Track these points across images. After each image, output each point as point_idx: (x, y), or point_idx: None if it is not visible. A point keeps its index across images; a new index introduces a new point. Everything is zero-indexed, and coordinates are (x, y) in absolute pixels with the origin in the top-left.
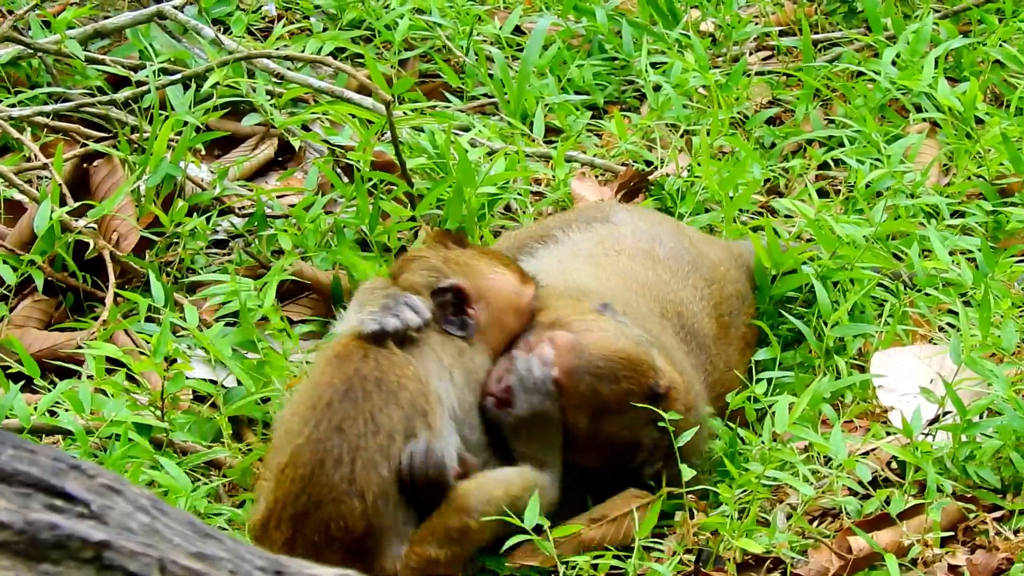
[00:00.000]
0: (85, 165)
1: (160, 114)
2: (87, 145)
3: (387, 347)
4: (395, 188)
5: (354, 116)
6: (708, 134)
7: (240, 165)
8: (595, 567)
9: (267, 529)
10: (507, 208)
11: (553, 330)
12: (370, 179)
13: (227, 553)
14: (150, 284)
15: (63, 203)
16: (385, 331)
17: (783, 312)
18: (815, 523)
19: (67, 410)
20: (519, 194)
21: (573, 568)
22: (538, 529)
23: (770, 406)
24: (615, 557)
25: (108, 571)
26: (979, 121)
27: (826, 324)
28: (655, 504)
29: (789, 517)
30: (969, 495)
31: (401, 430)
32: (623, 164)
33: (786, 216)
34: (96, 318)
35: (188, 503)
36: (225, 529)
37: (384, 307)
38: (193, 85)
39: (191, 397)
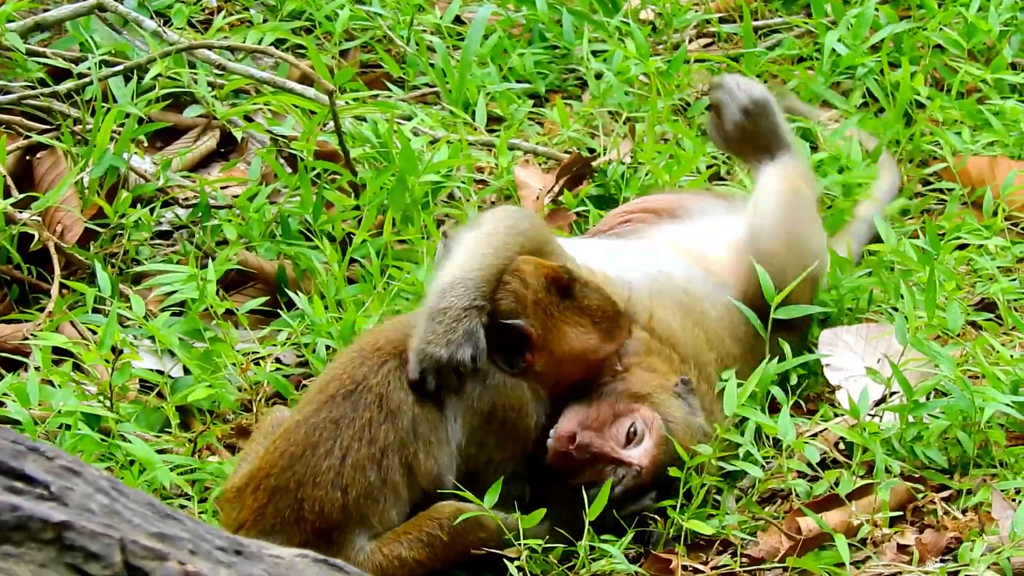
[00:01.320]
0: (28, 157)
1: (102, 106)
2: (30, 137)
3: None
4: (339, 177)
5: (296, 106)
6: (649, 121)
7: (183, 156)
8: (547, 551)
9: (242, 494)
10: (450, 196)
11: (643, 409)
12: (313, 169)
13: (187, 533)
14: (95, 275)
15: (7, 195)
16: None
17: None
18: (765, 505)
19: (15, 401)
20: (462, 182)
21: (529, 551)
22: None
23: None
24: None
25: (69, 552)
26: (920, 105)
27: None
28: (604, 487)
29: (739, 499)
30: (917, 475)
31: (396, 450)
32: (566, 151)
33: None
34: (42, 309)
35: (152, 482)
36: (186, 506)
37: (448, 334)
38: (135, 77)
39: (139, 387)
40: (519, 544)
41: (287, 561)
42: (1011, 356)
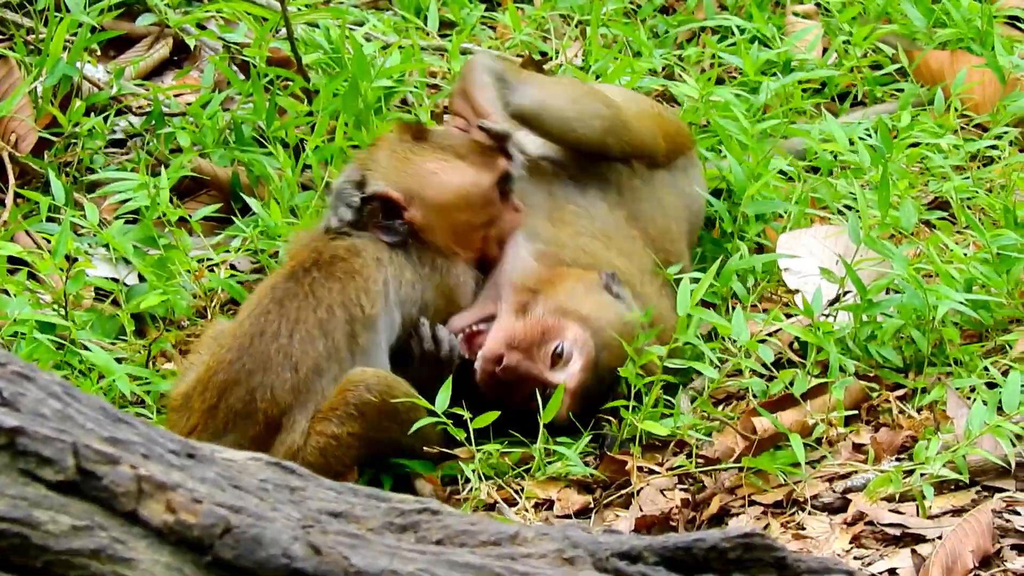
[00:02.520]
0: None
1: (55, 16)
2: None
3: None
4: (291, 84)
5: (248, 13)
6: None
7: (136, 65)
8: (504, 455)
9: (189, 399)
10: (403, 102)
11: (572, 327)
12: (266, 75)
13: (139, 437)
14: (50, 184)
15: None
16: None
17: None
18: (720, 406)
19: None
20: (415, 87)
21: (485, 455)
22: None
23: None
24: (521, 444)
25: (22, 457)
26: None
27: (738, 204)
28: (557, 391)
29: (694, 400)
30: (871, 374)
31: (340, 303)
32: (518, 55)
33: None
34: None
35: (110, 390)
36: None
37: (332, 204)
38: None
39: (93, 295)
40: (471, 447)
41: (239, 464)
42: (964, 254)
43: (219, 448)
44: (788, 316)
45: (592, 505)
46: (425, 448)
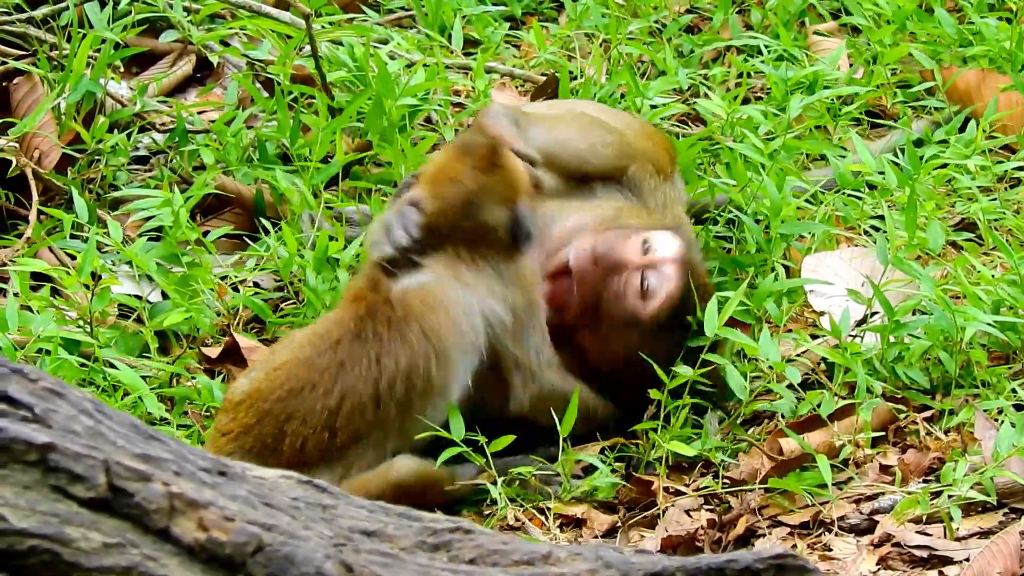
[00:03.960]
0: (4, 84)
1: (79, 32)
2: (6, 63)
3: (396, 275)
4: (315, 101)
5: (273, 31)
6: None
7: (159, 82)
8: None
9: (238, 407)
10: (428, 120)
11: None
12: (290, 93)
13: (171, 454)
14: (73, 201)
15: None
16: (385, 258)
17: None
18: (749, 426)
19: None
20: (439, 105)
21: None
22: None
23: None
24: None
25: (54, 473)
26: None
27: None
28: (572, 401)
29: (722, 421)
30: (899, 396)
31: (404, 375)
32: (542, 74)
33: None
34: (20, 236)
35: (136, 407)
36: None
37: (385, 227)
38: (110, 2)
39: (117, 312)
40: (492, 471)
41: (271, 482)
42: (992, 275)
43: (250, 466)
44: (815, 337)
45: (618, 525)
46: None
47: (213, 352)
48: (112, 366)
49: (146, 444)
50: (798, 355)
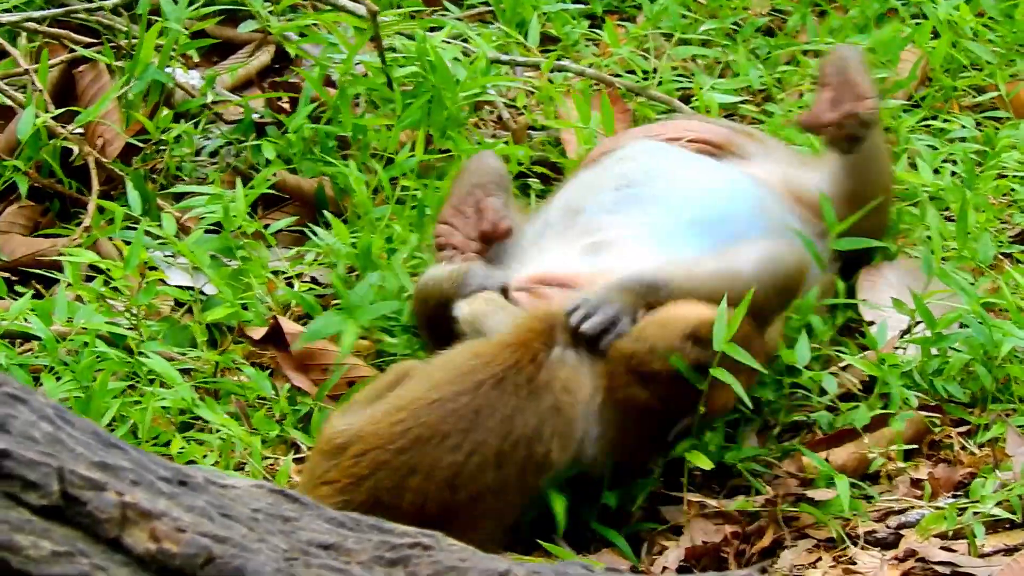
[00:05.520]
0: (72, 71)
1: (153, 20)
2: (74, 51)
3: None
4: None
5: (340, 24)
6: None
7: (234, 72)
8: None
9: (342, 452)
10: (499, 119)
11: None
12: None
13: (130, 463)
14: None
15: (48, 109)
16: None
17: None
18: (786, 436)
19: (37, 317)
20: (507, 102)
21: None
22: None
23: None
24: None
25: (7, 480)
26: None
27: None
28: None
29: (759, 432)
30: (935, 406)
31: (529, 439)
32: (614, 75)
33: None
34: (80, 224)
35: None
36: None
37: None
38: None
39: (171, 305)
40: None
41: (236, 492)
42: None
43: (218, 475)
44: (864, 348)
45: (642, 535)
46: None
47: (257, 333)
48: (148, 358)
49: (106, 452)
50: (842, 368)
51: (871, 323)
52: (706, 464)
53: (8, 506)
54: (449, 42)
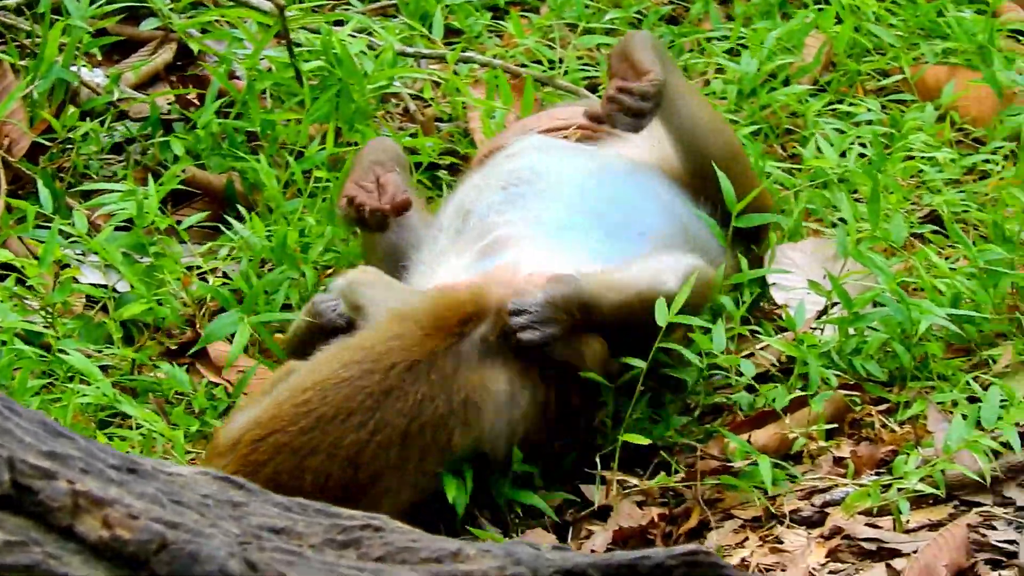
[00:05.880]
0: None
1: (54, 19)
2: None
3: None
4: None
5: (245, 21)
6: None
7: (137, 70)
8: None
9: (238, 445)
10: (405, 111)
11: None
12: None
13: (79, 452)
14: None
15: None
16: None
17: None
18: (707, 419)
19: None
20: (412, 93)
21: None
22: None
23: None
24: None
25: None
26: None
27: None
28: None
29: (682, 413)
30: (853, 385)
31: (435, 424)
32: (521, 65)
33: None
34: None
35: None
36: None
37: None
38: None
39: (84, 303)
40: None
41: (183, 479)
42: (953, 269)
43: (165, 463)
44: (783, 330)
45: (569, 517)
46: None
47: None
48: (67, 355)
49: (54, 441)
50: (760, 349)
51: (783, 306)
52: (641, 440)
53: None
54: (355, 35)
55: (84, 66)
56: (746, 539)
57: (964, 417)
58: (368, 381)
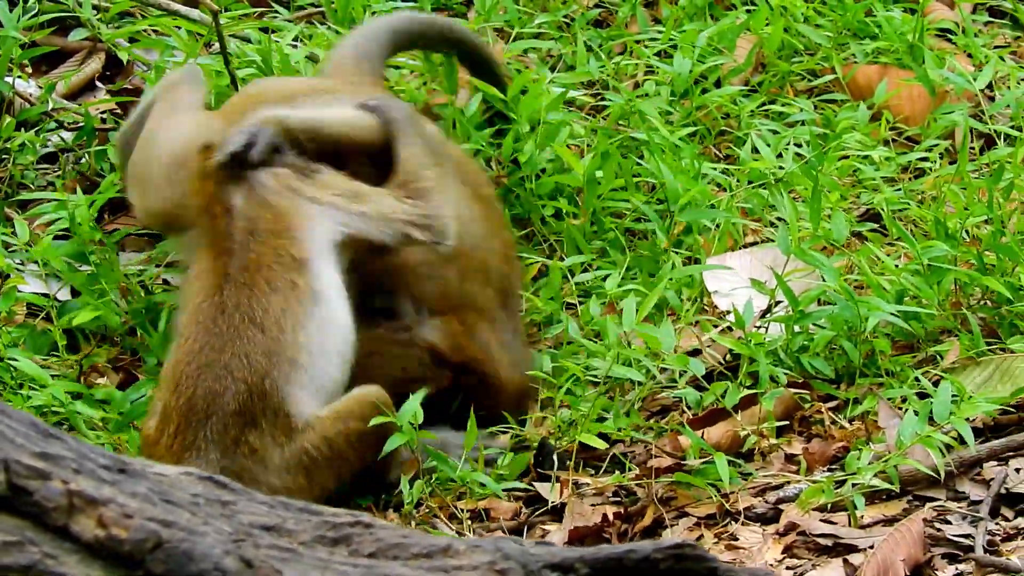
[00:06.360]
0: None
1: None
2: None
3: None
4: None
5: (179, 28)
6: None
7: (67, 80)
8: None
9: (167, 410)
10: None
11: None
12: None
13: (71, 452)
14: None
15: None
16: None
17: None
18: (655, 417)
19: None
20: None
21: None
22: None
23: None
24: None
25: None
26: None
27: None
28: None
29: (628, 414)
30: (802, 382)
31: (272, 262)
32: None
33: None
34: None
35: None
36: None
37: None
38: (20, 1)
39: (26, 312)
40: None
41: (171, 478)
42: (896, 266)
43: (151, 463)
44: (729, 329)
45: (524, 517)
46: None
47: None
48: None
49: (46, 443)
50: (707, 346)
51: (727, 312)
52: (599, 444)
53: None
54: (279, 41)
55: (19, 77)
56: (701, 536)
57: (916, 413)
58: (215, 289)
